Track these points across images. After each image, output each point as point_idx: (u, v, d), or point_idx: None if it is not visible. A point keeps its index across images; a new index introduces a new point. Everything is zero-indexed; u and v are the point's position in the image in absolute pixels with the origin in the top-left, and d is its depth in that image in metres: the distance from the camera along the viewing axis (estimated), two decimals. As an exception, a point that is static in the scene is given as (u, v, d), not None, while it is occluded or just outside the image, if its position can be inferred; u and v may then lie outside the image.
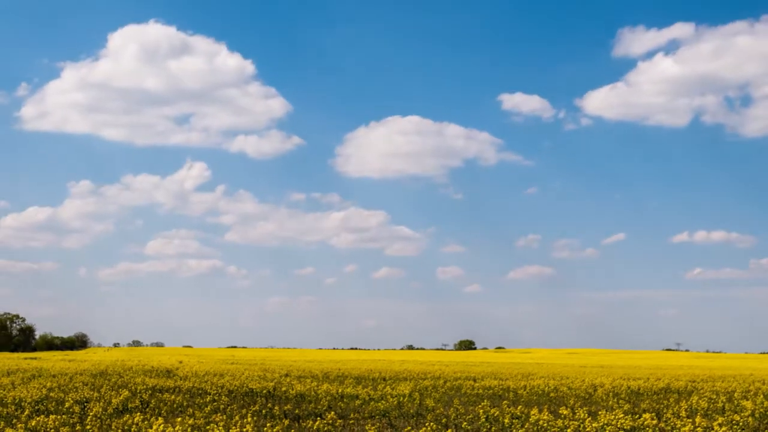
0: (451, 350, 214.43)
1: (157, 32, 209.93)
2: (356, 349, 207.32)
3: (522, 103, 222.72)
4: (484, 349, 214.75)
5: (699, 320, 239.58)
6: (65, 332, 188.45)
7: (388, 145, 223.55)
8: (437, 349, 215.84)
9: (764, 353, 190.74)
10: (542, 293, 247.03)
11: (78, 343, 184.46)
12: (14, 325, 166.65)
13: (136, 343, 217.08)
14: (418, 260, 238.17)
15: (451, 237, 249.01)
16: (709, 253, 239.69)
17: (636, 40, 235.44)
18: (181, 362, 66.47)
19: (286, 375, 44.66)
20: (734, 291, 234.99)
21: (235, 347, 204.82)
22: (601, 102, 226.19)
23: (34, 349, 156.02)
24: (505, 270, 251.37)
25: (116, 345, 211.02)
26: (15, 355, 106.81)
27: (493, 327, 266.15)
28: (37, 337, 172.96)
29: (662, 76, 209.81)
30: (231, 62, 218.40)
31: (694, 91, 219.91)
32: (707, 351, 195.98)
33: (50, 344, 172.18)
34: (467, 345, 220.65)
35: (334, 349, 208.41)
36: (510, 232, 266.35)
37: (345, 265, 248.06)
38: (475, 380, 42.41)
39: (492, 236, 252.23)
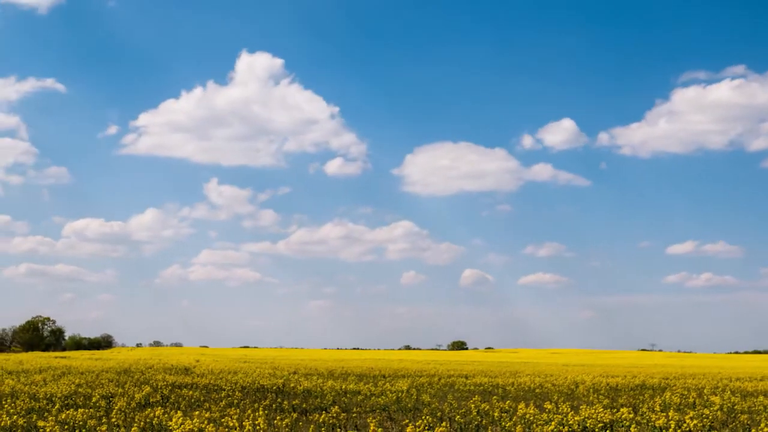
0: (445, 350, 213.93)
1: (262, 65, 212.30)
2: (359, 349, 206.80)
3: (572, 129, 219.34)
4: (475, 349, 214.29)
5: (678, 323, 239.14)
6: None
7: (444, 166, 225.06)
8: (432, 349, 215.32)
9: (731, 353, 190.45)
10: (553, 297, 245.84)
11: (104, 343, 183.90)
12: (45, 327, 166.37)
13: (157, 344, 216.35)
14: (448, 269, 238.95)
15: (491, 248, 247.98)
16: (691, 262, 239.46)
17: (691, 77, 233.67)
18: (198, 361, 66.28)
19: (294, 373, 44.51)
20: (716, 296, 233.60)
21: (247, 347, 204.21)
22: (651, 129, 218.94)
23: (63, 349, 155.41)
24: (519, 276, 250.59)
25: (139, 345, 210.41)
26: (46, 354, 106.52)
27: (491, 328, 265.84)
28: (66, 337, 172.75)
29: (709, 103, 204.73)
30: (313, 96, 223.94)
31: (738, 119, 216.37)
32: (679, 351, 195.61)
33: (78, 344, 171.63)
34: (459, 345, 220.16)
35: (338, 348, 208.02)
36: (535, 242, 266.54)
37: (390, 274, 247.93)
38: (467, 377, 42.31)
39: (517, 246, 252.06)
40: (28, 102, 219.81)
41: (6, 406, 21.45)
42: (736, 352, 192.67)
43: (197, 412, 18.68)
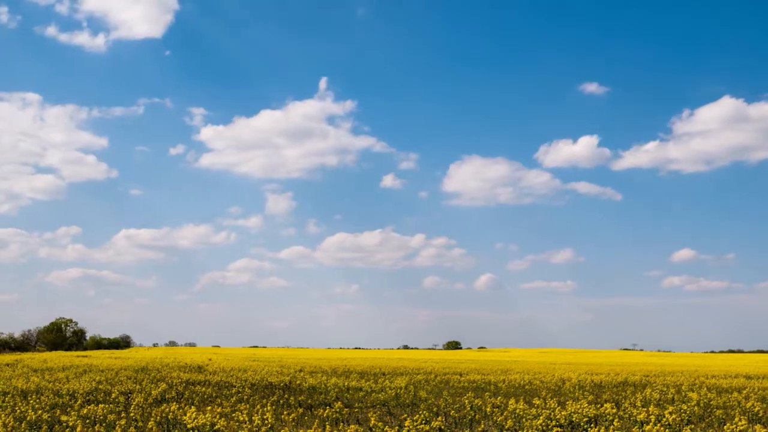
0: (440, 350, 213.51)
1: (331, 86, 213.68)
2: (360, 348, 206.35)
3: (598, 144, 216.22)
4: (469, 348, 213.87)
5: (660, 324, 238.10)
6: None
7: (479, 179, 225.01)
8: (429, 349, 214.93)
9: (708, 352, 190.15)
10: (559, 300, 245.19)
11: (122, 343, 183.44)
12: (68, 327, 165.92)
13: (172, 343, 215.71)
14: (468, 274, 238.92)
15: (511, 255, 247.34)
16: (679, 268, 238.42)
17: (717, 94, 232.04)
18: (210, 359, 66.14)
19: (300, 370, 44.43)
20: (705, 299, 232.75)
21: (256, 347, 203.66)
22: (674, 144, 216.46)
23: (85, 349, 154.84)
24: (531, 280, 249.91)
25: (155, 345, 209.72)
26: (69, 353, 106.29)
27: (497, 330, 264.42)
28: (87, 338, 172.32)
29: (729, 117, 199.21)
30: (370, 117, 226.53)
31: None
32: (659, 350, 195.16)
33: (99, 344, 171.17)
34: (454, 345, 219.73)
35: (341, 348, 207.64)
36: (552, 250, 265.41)
37: (415, 279, 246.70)
38: (461, 375, 42.23)
39: (535, 253, 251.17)
40: (114, 121, 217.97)
41: (32, 401, 21.46)
42: (712, 352, 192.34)
43: (210, 408, 18.66)
